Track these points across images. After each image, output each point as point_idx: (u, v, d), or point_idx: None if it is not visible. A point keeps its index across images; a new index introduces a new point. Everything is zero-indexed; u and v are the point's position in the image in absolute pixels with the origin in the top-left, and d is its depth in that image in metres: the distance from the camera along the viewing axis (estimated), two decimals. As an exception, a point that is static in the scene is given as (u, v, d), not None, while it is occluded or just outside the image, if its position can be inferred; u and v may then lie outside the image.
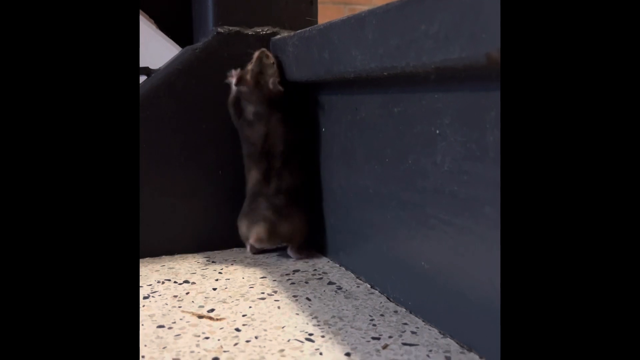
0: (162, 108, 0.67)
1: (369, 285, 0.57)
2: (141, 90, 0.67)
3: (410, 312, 0.50)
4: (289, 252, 0.68)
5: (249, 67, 0.65)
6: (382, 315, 0.49)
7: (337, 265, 0.64)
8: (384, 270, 0.54)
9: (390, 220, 0.53)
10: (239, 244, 0.70)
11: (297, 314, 0.50)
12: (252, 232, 0.64)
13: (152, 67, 0.69)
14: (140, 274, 0.61)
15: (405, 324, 0.47)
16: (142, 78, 0.70)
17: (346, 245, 0.63)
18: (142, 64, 0.69)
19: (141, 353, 0.42)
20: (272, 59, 0.65)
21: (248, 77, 0.64)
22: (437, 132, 0.45)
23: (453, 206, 0.43)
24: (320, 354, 0.42)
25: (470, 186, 0.41)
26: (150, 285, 0.58)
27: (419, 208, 0.48)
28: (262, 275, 0.61)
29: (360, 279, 0.59)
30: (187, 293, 0.55)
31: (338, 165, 0.64)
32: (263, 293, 0.55)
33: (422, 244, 0.48)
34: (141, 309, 0.51)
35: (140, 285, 0.58)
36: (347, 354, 0.42)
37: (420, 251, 0.49)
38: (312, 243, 0.72)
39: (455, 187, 0.43)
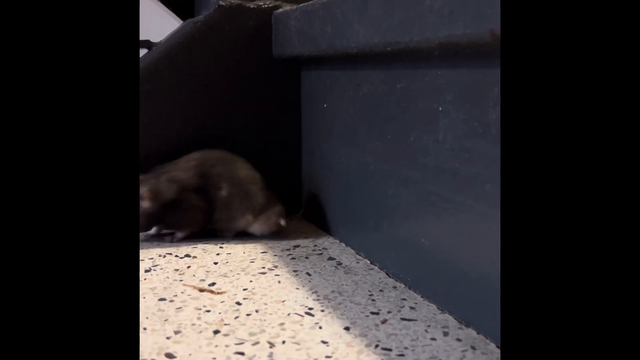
0: (163, 82, 0.67)
1: (368, 261, 0.57)
2: (141, 64, 0.66)
3: (409, 288, 0.50)
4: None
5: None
6: (381, 290, 0.50)
7: (337, 241, 0.65)
8: (384, 246, 0.55)
9: (390, 197, 0.53)
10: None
11: (297, 288, 0.50)
12: None
13: (153, 40, 0.68)
14: (142, 247, 0.62)
15: (404, 299, 0.48)
16: (143, 51, 0.70)
17: (346, 221, 0.63)
18: (142, 37, 0.68)
19: (143, 325, 0.42)
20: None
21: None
22: (440, 109, 0.44)
23: (454, 183, 0.43)
24: (320, 327, 0.42)
25: (471, 164, 0.41)
26: (152, 258, 0.58)
27: (420, 185, 0.48)
28: (262, 250, 0.61)
29: (360, 255, 0.59)
30: (189, 267, 0.56)
31: (339, 142, 0.64)
32: (264, 268, 0.56)
33: (422, 221, 0.48)
34: (143, 282, 0.52)
35: (142, 258, 0.58)
36: (347, 328, 0.42)
37: (420, 228, 0.49)
38: (313, 219, 0.72)
39: (457, 165, 0.43)
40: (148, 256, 0.59)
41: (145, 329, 0.42)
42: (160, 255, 0.59)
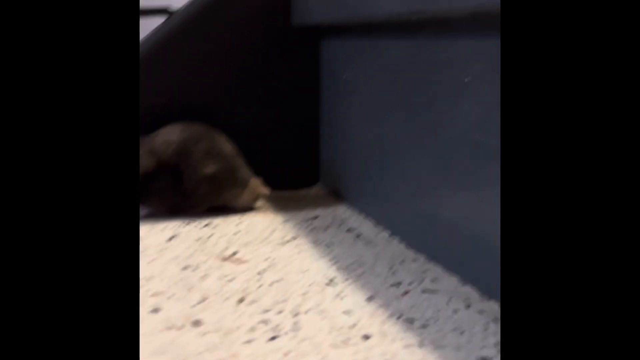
0: (180, 50, 0.66)
1: (388, 233, 0.57)
2: (161, 33, 0.66)
3: (430, 260, 0.50)
4: None
5: None
6: (401, 262, 0.50)
7: (357, 212, 0.65)
8: (404, 218, 0.55)
9: (413, 169, 0.53)
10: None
11: (318, 259, 0.51)
12: None
13: (174, 6, 0.68)
14: (162, 218, 0.62)
15: (425, 271, 0.48)
16: (162, 19, 0.69)
17: (366, 193, 0.63)
18: (162, 2, 0.67)
19: (169, 293, 0.43)
20: None
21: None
22: (466, 80, 0.44)
23: (478, 156, 0.43)
24: (342, 298, 0.43)
25: (496, 136, 0.41)
26: (173, 228, 0.59)
27: (443, 157, 0.48)
28: (282, 221, 0.62)
29: (380, 227, 0.59)
30: (210, 236, 0.56)
31: (360, 113, 0.63)
32: (284, 238, 0.56)
33: (444, 193, 0.48)
34: (165, 250, 0.52)
35: (162, 228, 0.59)
36: (369, 299, 0.42)
37: (442, 200, 0.49)
38: (332, 190, 0.72)
39: (482, 137, 0.42)
40: (169, 226, 0.60)
41: (172, 296, 0.43)
42: (180, 225, 0.60)
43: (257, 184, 0.66)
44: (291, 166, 0.75)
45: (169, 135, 0.62)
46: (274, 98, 0.72)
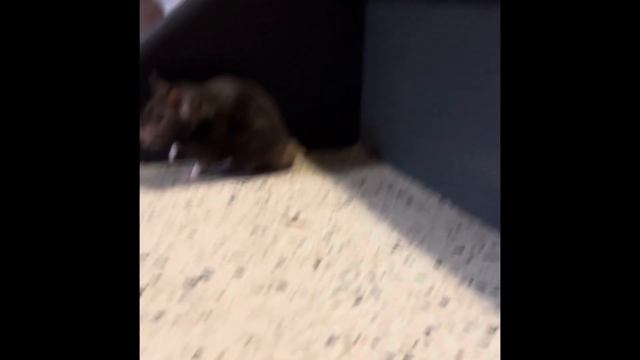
0: (232, 12, 0.66)
1: (438, 197, 0.59)
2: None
3: (485, 225, 0.52)
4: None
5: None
6: (458, 227, 0.52)
7: (403, 175, 0.66)
8: (457, 182, 0.56)
9: (464, 133, 0.54)
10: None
11: (377, 223, 0.53)
12: None
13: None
14: (213, 178, 0.64)
15: (484, 237, 0.50)
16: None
17: (413, 155, 0.65)
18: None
19: (245, 256, 0.45)
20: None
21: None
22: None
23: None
24: (411, 262, 0.45)
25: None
26: (230, 188, 0.60)
27: (496, 121, 0.49)
28: (333, 183, 0.63)
29: (429, 190, 0.61)
30: (267, 198, 0.58)
31: (409, 76, 0.64)
32: (339, 201, 0.58)
33: (497, 157, 0.50)
34: (229, 212, 0.54)
35: (220, 188, 0.60)
36: (437, 264, 0.45)
37: (495, 164, 0.50)
38: (374, 151, 0.73)
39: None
40: (225, 186, 0.61)
41: (248, 260, 0.45)
42: (236, 186, 0.61)
43: (294, 145, 0.68)
44: (331, 126, 0.76)
45: (226, 88, 0.63)
46: (317, 58, 0.72)
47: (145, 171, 0.66)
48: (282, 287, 0.41)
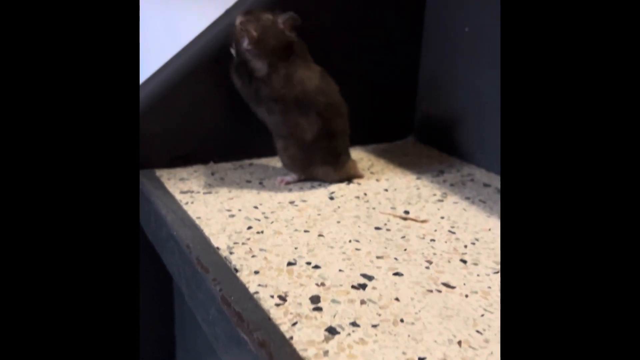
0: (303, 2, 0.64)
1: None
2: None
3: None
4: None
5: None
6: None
7: (475, 166, 0.67)
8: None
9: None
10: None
11: (490, 216, 0.53)
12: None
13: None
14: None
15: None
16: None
17: (486, 146, 0.66)
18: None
19: (389, 255, 0.44)
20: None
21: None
22: None
23: None
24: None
25: None
26: (321, 187, 0.59)
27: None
28: (416, 177, 0.63)
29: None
30: (365, 194, 0.57)
31: (485, 65, 0.64)
32: (435, 195, 0.58)
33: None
34: (337, 208, 0.53)
35: (310, 186, 0.59)
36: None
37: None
38: (435, 143, 0.74)
39: None
40: (314, 186, 0.60)
41: (396, 259, 0.44)
42: (321, 185, 0.60)
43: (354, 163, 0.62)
44: (385, 118, 0.76)
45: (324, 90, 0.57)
46: (375, 47, 0.72)
47: (231, 171, 0.63)
48: (447, 285, 0.40)
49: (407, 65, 0.75)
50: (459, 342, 0.34)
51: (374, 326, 0.35)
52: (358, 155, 0.70)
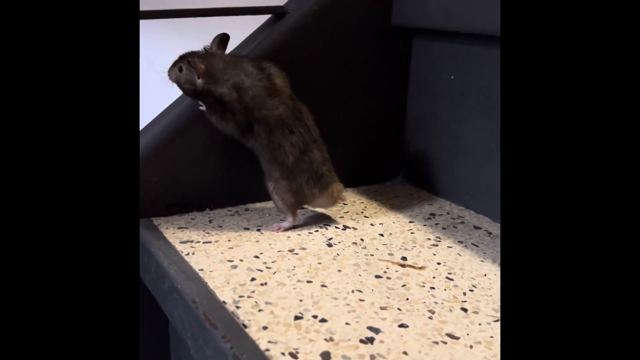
0: (297, 52, 0.66)
1: (513, 230, 0.63)
2: (275, 33, 0.65)
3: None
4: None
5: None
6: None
7: (464, 208, 0.69)
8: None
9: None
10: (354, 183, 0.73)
11: (484, 260, 0.55)
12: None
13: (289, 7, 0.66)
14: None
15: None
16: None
17: (476, 190, 0.68)
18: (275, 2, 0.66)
19: (392, 306, 0.46)
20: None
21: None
22: None
23: None
24: (544, 301, 0.48)
25: None
26: (316, 230, 0.60)
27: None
28: (409, 221, 0.65)
29: (498, 224, 0.64)
30: (362, 239, 0.59)
31: (473, 114, 0.67)
32: (429, 239, 0.60)
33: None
34: (336, 257, 0.54)
35: (308, 230, 0.60)
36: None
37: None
38: (422, 184, 0.76)
39: None
40: (311, 229, 0.61)
41: (399, 310, 0.45)
42: (317, 228, 0.61)
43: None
44: (373, 160, 0.78)
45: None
46: (362, 92, 0.74)
47: (229, 217, 0.64)
48: (452, 336, 0.42)
49: (394, 109, 0.77)
50: (469, 397, 0.35)
51: (386, 382, 0.36)
52: (351, 197, 0.72)
